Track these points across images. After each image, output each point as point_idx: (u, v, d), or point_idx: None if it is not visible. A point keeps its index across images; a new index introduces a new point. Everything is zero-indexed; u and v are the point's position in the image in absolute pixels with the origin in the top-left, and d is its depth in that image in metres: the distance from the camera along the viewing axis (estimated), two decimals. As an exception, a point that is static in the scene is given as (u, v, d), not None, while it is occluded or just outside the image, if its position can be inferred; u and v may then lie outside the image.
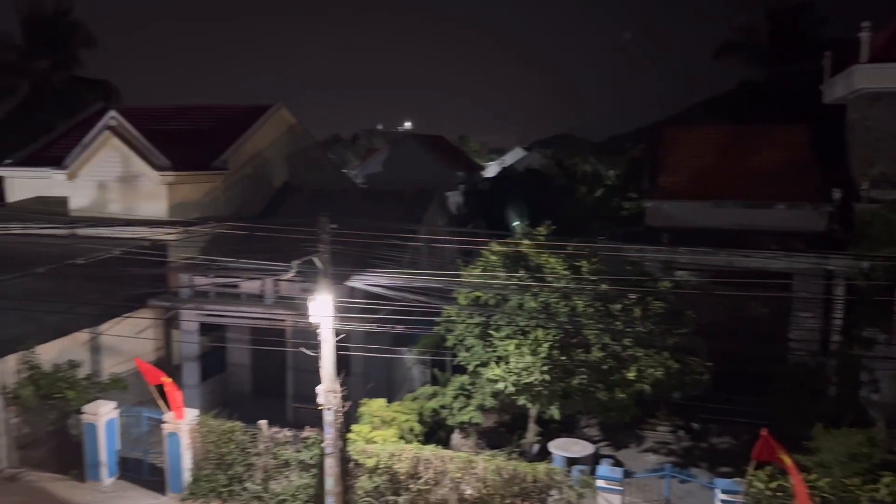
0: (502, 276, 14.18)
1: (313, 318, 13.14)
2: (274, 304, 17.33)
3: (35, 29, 36.20)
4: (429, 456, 13.13)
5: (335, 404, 13.10)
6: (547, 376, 13.22)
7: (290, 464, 13.79)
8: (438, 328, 14.93)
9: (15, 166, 24.73)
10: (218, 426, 14.22)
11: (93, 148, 21.40)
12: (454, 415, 15.19)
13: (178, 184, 21.42)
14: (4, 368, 15.13)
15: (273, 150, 26.03)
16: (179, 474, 14.22)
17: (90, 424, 14.65)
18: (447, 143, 52.87)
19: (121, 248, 18.57)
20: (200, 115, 26.56)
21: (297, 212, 21.02)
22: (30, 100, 36.45)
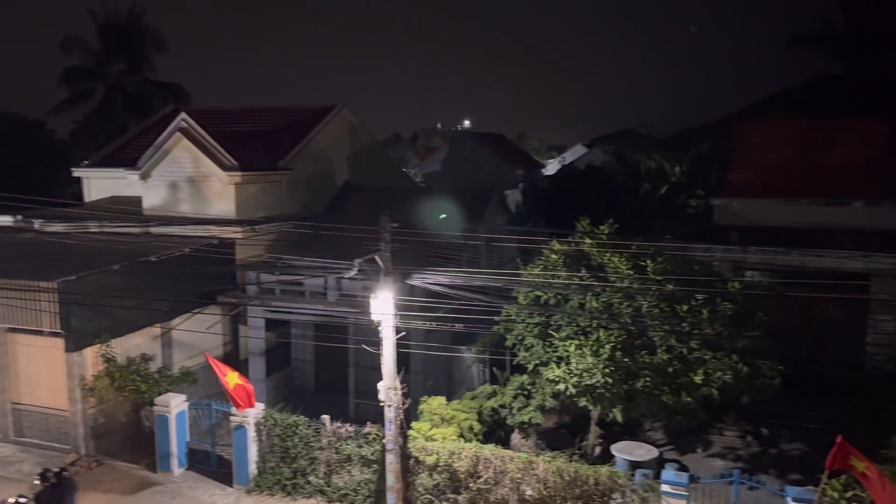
0: (563, 276, 14.00)
1: (375, 315, 13.29)
2: (336, 302, 17.62)
3: (110, 35, 37.79)
4: (488, 455, 13.09)
5: (396, 401, 13.20)
6: (609, 378, 12.98)
7: (352, 459, 13.98)
8: (497, 327, 14.86)
9: (92, 167, 25.90)
10: (283, 420, 14.53)
11: (164, 149, 22.19)
12: (514, 415, 15.10)
13: (244, 184, 22.00)
14: (82, 361, 15.84)
15: (335, 150, 26.45)
16: (246, 466, 14.60)
17: (162, 416, 15.18)
18: (506, 141, 52.64)
19: (191, 247, 19.24)
20: (266, 117, 27.23)
21: (358, 211, 21.30)
22: (105, 103, 38.09)
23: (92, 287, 15.95)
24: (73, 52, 37.37)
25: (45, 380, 16.25)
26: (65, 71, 37.61)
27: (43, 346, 16.13)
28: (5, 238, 20.58)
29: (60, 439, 16.07)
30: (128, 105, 37.55)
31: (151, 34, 38.51)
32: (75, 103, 38.30)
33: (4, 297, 16.08)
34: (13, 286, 15.98)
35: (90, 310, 15.85)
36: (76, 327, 15.67)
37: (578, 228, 14.71)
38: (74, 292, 15.63)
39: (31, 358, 16.33)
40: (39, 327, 15.97)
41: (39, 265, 16.77)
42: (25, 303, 15.93)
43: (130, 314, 16.61)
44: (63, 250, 18.48)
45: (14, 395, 16.50)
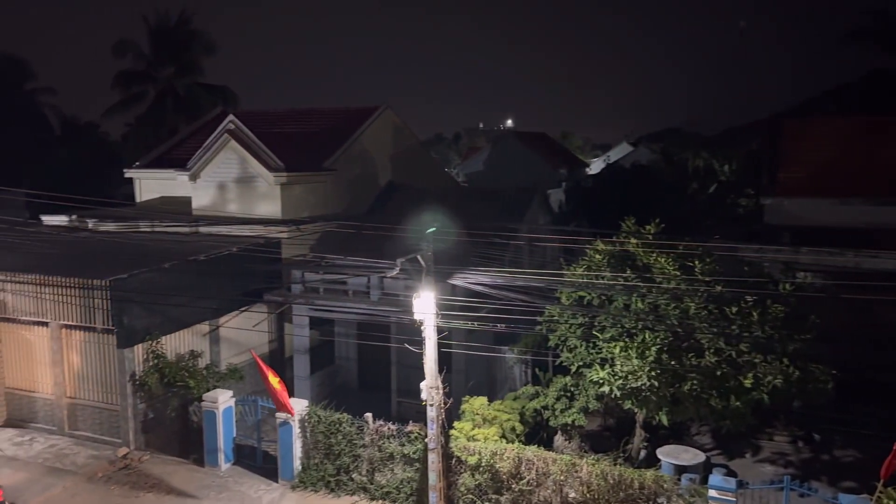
0: (608, 276, 13.82)
1: (417, 314, 13.33)
2: (379, 301, 17.73)
3: (161, 39, 38.82)
4: (531, 456, 13.00)
5: (438, 401, 13.22)
6: (655, 381, 12.76)
7: (395, 457, 14.05)
8: (540, 328, 14.75)
9: (143, 168, 26.63)
10: (326, 417, 14.68)
11: (213, 151, 22.66)
12: (556, 416, 14.97)
13: (290, 184, 22.33)
14: (133, 357, 16.27)
15: (378, 150, 26.66)
16: (290, 463, 14.80)
17: (209, 412, 15.49)
18: (549, 140, 52.28)
19: (238, 246, 19.61)
20: (311, 118, 27.61)
21: (401, 210, 21.41)
22: (156, 105, 39.14)
23: (143, 285, 16.38)
24: (125, 55, 38.52)
25: (97, 375, 16.76)
26: (117, 74, 38.79)
27: (96, 342, 16.64)
28: (61, 237, 21.29)
29: (112, 433, 16.54)
30: (178, 107, 38.52)
31: (200, 38, 39.44)
32: (127, 106, 39.46)
33: (60, 294, 16.65)
34: (68, 283, 16.53)
35: (141, 307, 16.27)
36: (127, 324, 16.10)
37: (624, 228, 14.50)
38: (126, 290, 16.09)
39: (84, 354, 16.86)
40: (93, 324, 16.48)
41: (93, 263, 17.29)
42: (79, 300, 16.46)
43: (180, 311, 16.99)
44: (115, 249, 19.04)
45: (69, 390, 17.05)
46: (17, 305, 17.31)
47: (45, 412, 17.33)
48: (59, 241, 20.73)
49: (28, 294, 17.08)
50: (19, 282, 17.14)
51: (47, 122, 44.66)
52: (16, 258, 18.68)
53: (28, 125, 41.74)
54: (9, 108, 42.70)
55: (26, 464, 15.69)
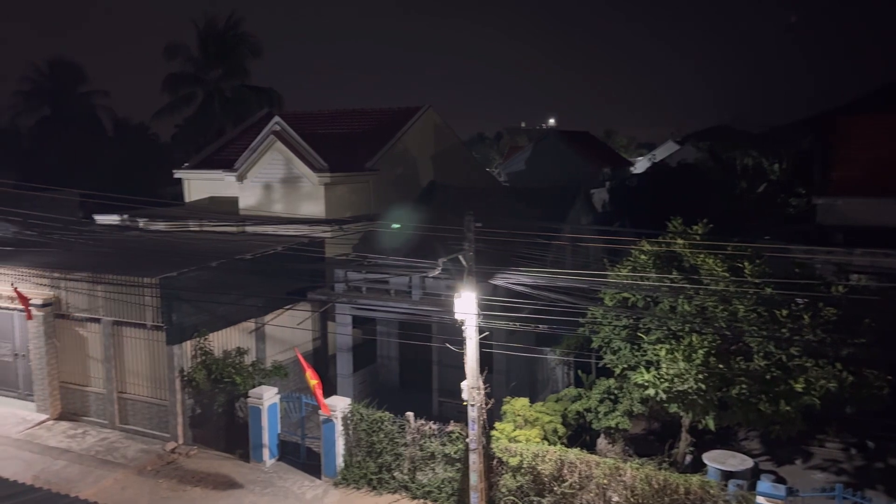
0: (653, 277, 13.58)
1: (458, 314, 13.32)
2: (420, 300, 17.79)
3: (209, 42, 39.70)
4: (574, 459, 12.87)
5: (479, 401, 13.19)
6: (702, 384, 12.49)
7: (436, 456, 14.07)
8: (583, 329, 14.59)
9: (192, 169, 27.24)
10: (369, 415, 14.79)
11: (259, 152, 23.06)
12: (600, 419, 14.78)
13: (334, 184, 22.59)
14: (182, 353, 16.66)
15: (420, 150, 26.75)
16: (333, 460, 14.95)
17: (255, 408, 15.76)
18: (593, 139, 51.72)
19: (283, 245, 19.92)
20: (354, 119, 27.87)
21: (442, 210, 21.43)
22: (204, 107, 40.03)
23: (191, 283, 16.76)
24: (175, 58, 39.51)
25: (147, 371, 17.22)
26: (167, 77, 39.80)
27: (146, 338, 17.09)
28: (113, 236, 21.92)
29: (161, 427, 16.95)
30: (225, 109, 39.34)
31: (247, 41, 40.20)
32: (176, 108, 40.48)
33: (111, 291, 17.15)
34: (119, 281, 17.01)
35: (190, 305, 16.64)
36: (176, 321, 16.49)
37: (670, 228, 14.23)
38: (175, 288, 16.48)
39: (134, 350, 17.33)
40: (143, 321, 16.93)
41: (143, 262, 17.76)
42: (130, 297, 16.92)
43: (227, 309, 17.32)
44: (165, 248, 19.53)
45: (119, 385, 17.55)
46: (72, 302, 17.90)
47: (97, 406, 17.87)
48: (111, 239, 21.35)
49: (82, 291, 17.64)
50: (74, 279, 17.72)
51: (100, 124, 46.17)
52: (70, 256, 19.32)
53: (82, 127, 43.19)
54: (64, 111, 44.28)
55: (79, 456, 16.20)
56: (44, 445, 16.73)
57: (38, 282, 18.17)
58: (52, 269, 18.19)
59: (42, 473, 15.15)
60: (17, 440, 17.05)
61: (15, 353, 19.08)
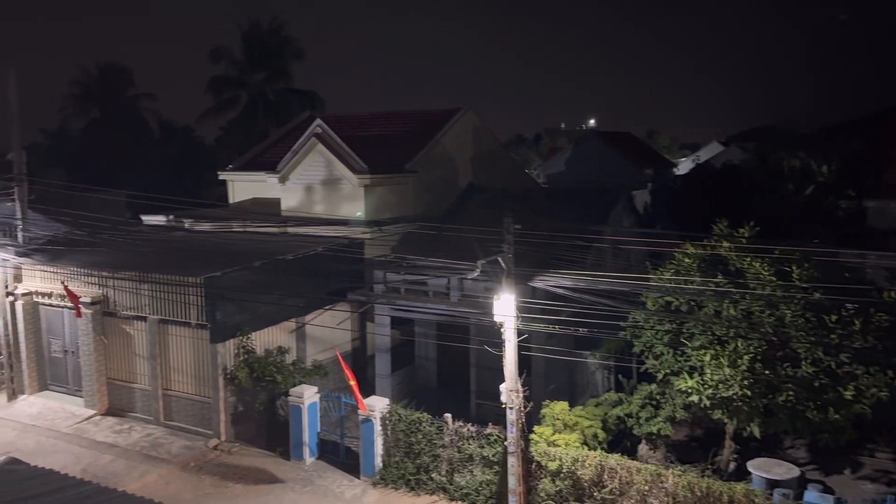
0: (697, 281, 13.32)
1: (497, 316, 13.26)
2: (459, 302, 17.77)
3: (253, 45, 40.34)
4: (614, 465, 12.71)
5: (517, 404, 13.11)
6: (748, 391, 12.20)
7: (474, 459, 14.03)
8: (624, 333, 14.39)
9: (236, 171, 27.71)
10: (407, 416, 14.83)
11: (301, 154, 23.35)
12: (641, 425, 14.55)
13: (373, 186, 22.74)
14: (225, 351, 16.96)
15: (459, 152, 26.74)
16: (372, 459, 15.03)
17: (295, 407, 15.94)
18: (634, 140, 51.02)
19: (324, 246, 20.12)
20: (394, 121, 28.00)
21: (481, 212, 21.39)
22: (248, 110, 40.69)
23: (235, 283, 17.05)
24: (220, 62, 40.26)
25: (191, 368, 17.56)
26: (211, 80, 40.56)
27: (190, 336, 17.43)
28: (158, 236, 22.43)
29: (204, 424, 17.28)
30: (268, 112, 39.91)
31: (290, 44, 40.74)
32: (221, 110, 41.22)
33: (157, 290, 17.54)
34: (165, 280, 17.40)
35: (233, 304, 16.93)
36: (220, 320, 16.79)
37: (715, 231, 13.94)
38: (219, 287, 16.78)
39: (179, 348, 17.70)
40: (187, 319, 17.28)
41: (188, 262, 18.13)
42: (175, 296, 17.29)
43: (268, 309, 17.57)
44: (209, 248, 19.90)
45: (164, 382, 17.94)
46: (119, 300, 18.37)
47: (142, 402, 18.30)
48: (157, 239, 21.84)
49: (129, 290, 18.10)
50: (121, 278, 18.19)
51: (147, 126, 47.30)
52: (118, 256, 19.84)
53: (129, 129, 44.31)
54: (112, 113, 45.51)
55: (125, 451, 16.62)
56: (91, 440, 17.21)
57: (87, 280, 18.71)
58: (101, 268, 18.71)
59: (90, 467, 15.57)
60: (66, 434, 17.57)
61: (65, 349, 19.68)
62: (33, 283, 19.81)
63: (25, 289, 19.77)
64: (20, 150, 20.82)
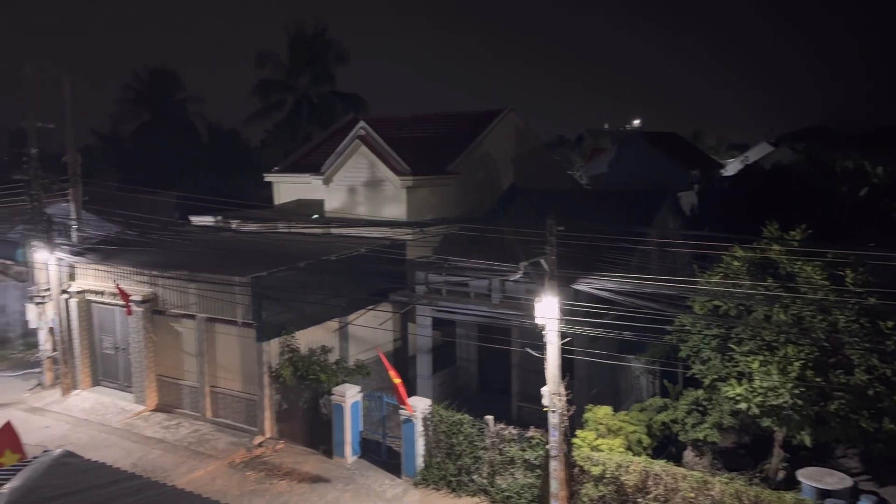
0: (746, 285, 13.02)
1: (539, 319, 13.18)
2: (500, 304, 17.71)
3: (298, 49, 40.97)
4: (659, 471, 12.50)
5: (560, 407, 13.00)
6: (798, 399, 11.88)
7: (516, 461, 13.96)
8: (670, 337, 14.15)
9: (281, 173, 28.15)
10: (448, 417, 14.84)
11: (344, 156, 23.60)
12: (687, 431, 14.28)
13: (416, 187, 22.83)
14: (270, 350, 17.23)
15: (501, 153, 26.68)
16: (413, 460, 15.09)
17: (338, 406, 16.10)
18: (680, 140, 50.18)
19: (366, 247, 20.29)
20: (436, 122, 28.08)
21: (523, 213, 21.29)
22: (292, 113, 41.33)
23: (280, 282, 17.30)
24: (266, 66, 40.98)
25: (237, 366, 17.89)
26: (258, 83, 41.33)
27: (236, 335, 17.76)
28: (206, 237, 22.92)
29: (249, 421, 17.58)
30: (312, 115, 40.50)
31: (334, 48, 41.25)
32: (267, 113, 41.96)
33: (205, 289, 17.92)
34: (213, 280, 17.76)
35: (278, 303, 17.20)
36: (265, 319, 17.07)
37: (765, 233, 13.61)
38: (264, 287, 17.06)
39: (225, 346, 18.05)
40: (234, 318, 17.60)
41: (235, 261, 18.48)
42: (223, 295, 17.63)
43: (312, 308, 17.80)
44: (255, 248, 20.25)
45: (211, 379, 18.31)
46: (168, 299, 18.83)
47: (190, 399, 18.71)
48: (205, 240, 22.33)
49: (178, 289, 18.53)
50: (171, 277, 18.64)
51: (195, 129, 48.43)
52: (168, 256, 20.34)
53: (178, 132, 45.44)
54: (162, 117, 46.73)
55: (173, 446, 17.01)
56: (141, 435, 17.66)
57: (138, 279, 19.23)
58: (151, 267, 19.20)
59: (140, 461, 15.99)
60: (117, 429, 18.07)
61: (116, 346, 20.26)
62: (87, 282, 20.44)
63: (79, 287, 20.41)
64: (75, 153, 21.54)
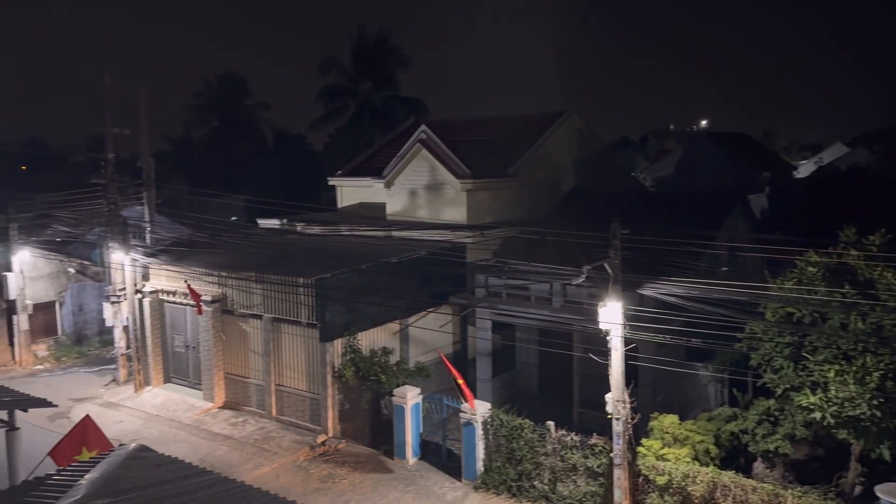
0: (822, 291, 12.48)
1: (602, 324, 12.96)
2: (561, 308, 17.51)
3: (361, 56, 41.60)
4: (728, 482, 12.11)
5: (624, 415, 12.76)
6: (877, 410, 11.30)
7: (578, 469, 13.76)
8: (740, 345, 13.68)
9: (344, 177, 28.62)
10: (508, 421, 14.76)
11: (406, 159, 23.82)
12: (757, 441, 13.76)
13: (476, 190, 22.84)
14: (333, 350, 17.51)
15: (562, 155, 26.41)
16: (474, 463, 15.06)
17: (399, 407, 16.22)
18: (750, 141, 48.52)
19: (426, 249, 20.40)
20: (496, 125, 28.03)
21: (585, 216, 21.00)
22: (355, 118, 41.99)
23: (342, 284, 17.58)
24: (330, 72, 41.78)
25: (301, 365, 18.25)
26: (322, 89, 42.16)
27: (301, 335, 18.13)
28: (273, 239, 23.50)
29: (313, 420, 17.91)
30: (374, 119, 41.03)
31: (396, 53, 41.71)
32: (330, 119, 42.76)
33: (271, 290, 18.37)
34: (278, 281, 18.18)
35: (341, 304, 17.48)
36: (329, 320, 17.37)
37: (842, 238, 13.02)
38: (328, 288, 17.37)
39: (290, 345, 18.44)
40: (298, 318, 17.97)
41: (300, 263, 18.88)
42: (288, 296, 18.04)
43: (374, 310, 18.01)
44: (319, 250, 20.64)
45: (277, 378, 18.74)
46: (236, 299, 19.37)
47: (256, 397, 19.20)
48: (271, 242, 22.91)
49: (245, 289, 19.05)
50: (239, 278, 19.18)
51: (262, 134, 49.76)
52: (236, 257, 20.94)
53: (246, 137, 46.78)
54: (230, 122, 48.19)
55: (239, 443, 17.47)
56: (209, 431, 18.22)
57: (207, 280, 19.86)
58: (220, 268, 19.81)
59: (207, 457, 16.49)
60: (186, 425, 18.69)
61: (186, 344, 20.97)
62: (159, 282, 21.25)
63: (152, 287, 21.24)
64: (149, 158, 22.45)
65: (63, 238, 24.88)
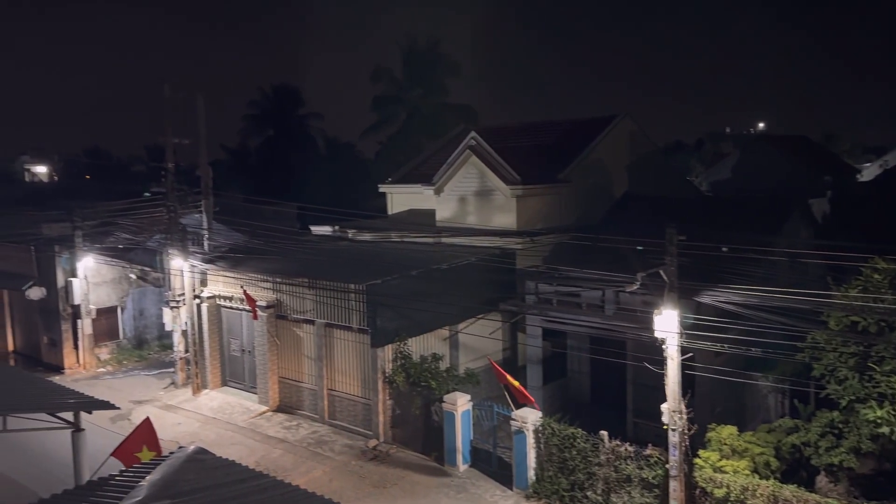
0: (889, 299, 11.96)
1: (658, 332, 12.69)
2: (614, 315, 17.23)
3: (411, 64, 41.97)
4: (789, 496, 11.70)
5: (681, 426, 12.46)
6: (952, 425, 10.76)
7: (632, 480, 13.50)
8: (802, 355, 13.21)
9: (394, 183, 28.86)
10: (560, 430, 14.58)
11: (455, 166, 23.85)
12: (820, 455, 13.25)
13: (525, 196, 22.70)
14: (384, 356, 17.63)
15: (614, 160, 26.04)
16: (525, 472, 14.92)
17: (449, 413, 16.21)
18: (810, 144, 46.97)
19: (476, 256, 20.38)
20: (546, 131, 27.83)
21: (638, 222, 20.64)
22: (405, 126, 42.35)
23: (393, 290, 17.70)
24: (381, 81, 42.27)
25: (353, 371, 18.43)
26: (374, 99, 42.71)
27: (353, 340, 18.32)
28: (325, 245, 23.83)
29: (364, 425, 18.05)
30: (424, 126, 41.31)
31: (446, 61, 41.94)
32: (380, 127, 43.26)
33: (324, 296, 18.62)
34: (331, 287, 18.42)
35: (391, 310, 17.59)
36: (380, 325, 17.50)
37: (910, 244, 12.48)
38: (379, 294, 17.50)
39: (342, 350, 18.65)
40: (350, 324, 18.17)
41: (351, 269, 19.09)
42: (340, 302, 18.25)
43: (424, 316, 18.07)
44: (370, 257, 20.84)
45: (329, 382, 18.96)
46: (290, 305, 19.71)
47: (309, 401, 19.47)
48: (324, 248, 23.23)
49: (299, 295, 19.37)
50: (293, 284, 19.52)
51: (315, 143, 50.59)
52: (290, 263, 21.31)
53: (300, 146, 47.63)
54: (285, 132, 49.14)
55: (293, 446, 17.73)
56: (264, 434, 18.55)
57: (263, 285, 20.26)
58: (275, 274, 20.19)
59: (262, 460, 16.78)
60: (242, 427, 19.08)
61: (242, 348, 21.43)
62: (216, 288, 21.78)
63: (210, 292, 21.78)
64: (207, 167, 23.06)
65: (125, 245, 25.75)
